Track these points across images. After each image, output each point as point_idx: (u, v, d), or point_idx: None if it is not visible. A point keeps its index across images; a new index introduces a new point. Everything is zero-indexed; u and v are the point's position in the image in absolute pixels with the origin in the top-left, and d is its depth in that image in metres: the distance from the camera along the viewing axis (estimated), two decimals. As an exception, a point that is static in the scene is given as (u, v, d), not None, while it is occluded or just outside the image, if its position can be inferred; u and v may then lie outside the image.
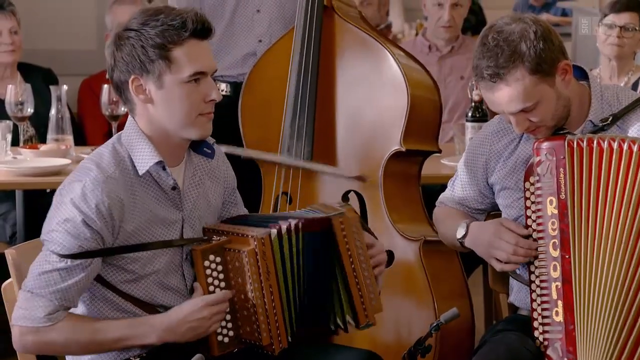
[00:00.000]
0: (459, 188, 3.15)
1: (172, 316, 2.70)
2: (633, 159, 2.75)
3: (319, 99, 3.71)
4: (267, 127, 3.78)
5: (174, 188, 2.74)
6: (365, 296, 2.80)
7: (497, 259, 2.89)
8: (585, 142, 2.79)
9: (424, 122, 3.70)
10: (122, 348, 2.70)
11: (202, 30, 2.69)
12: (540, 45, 2.79)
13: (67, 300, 2.64)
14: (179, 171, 2.78)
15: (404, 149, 3.59)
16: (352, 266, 2.78)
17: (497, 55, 2.80)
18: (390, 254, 3.59)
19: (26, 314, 2.64)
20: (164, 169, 2.72)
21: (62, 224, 2.63)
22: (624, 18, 4.65)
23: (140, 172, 2.70)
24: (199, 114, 2.71)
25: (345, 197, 3.67)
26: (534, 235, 2.86)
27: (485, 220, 3.14)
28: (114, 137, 2.78)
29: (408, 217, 3.68)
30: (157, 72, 2.66)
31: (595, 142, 2.78)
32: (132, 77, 2.67)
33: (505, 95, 2.82)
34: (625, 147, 2.75)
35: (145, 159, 2.70)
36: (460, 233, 3.00)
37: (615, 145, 2.76)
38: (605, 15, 4.71)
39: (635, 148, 2.74)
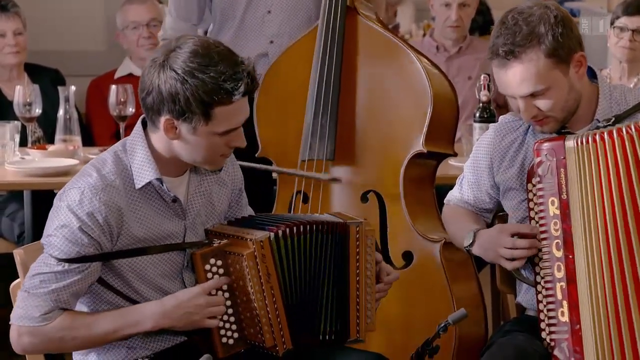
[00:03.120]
0: (466, 188, 3.15)
1: (167, 302, 2.69)
2: (629, 149, 2.73)
3: (341, 99, 3.71)
4: (283, 127, 3.79)
5: (174, 201, 2.73)
6: (362, 311, 2.79)
7: (506, 258, 2.88)
8: (583, 139, 2.77)
9: (444, 124, 3.71)
10: (119, 338, 2.69)
11: (252, 90, 2.64)
12: (559, 30, 2.80)
13: (61, 301, 2.64)
14: (182, 181, 2.77)
15: (425, 151, 3.60)
16: (357, 277, 2.78)
17: (515, 33, 2.81)
18: (409, 255, 3.60)
19: (23, 314, 2.65)
20: (162, 184, 2.70)
21: (59, 230, 2.63)
22: (636, 21, 4.62)
23: (137, 186, 2.68)
24: (220, 155, 2.71)
25: (364, 198, 3.67)
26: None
27: (493, 218, 3.15)
28: (119, 144, 2.75)
29: (426, 218, 3.69)
30: (193, 123, 2.62)
31: (595, 137, 2.77)
32: (167, 117, 2.62)
33: (517, 74, 2.82)
34: (622, 134, 2.73)
35: (144, 174, 2.68)
36: (467, 241, 2.98)
37: (611, 136, 2.74)
38: (618, 17, 4.68)
39: (632, 131, 2.72)
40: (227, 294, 2.73)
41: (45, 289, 2.62)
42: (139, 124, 2.74)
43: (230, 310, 2.74)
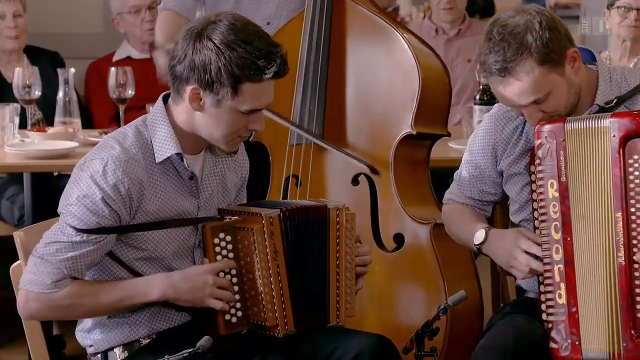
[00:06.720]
0: (467, 184, 3.10)
1: (175, 275, 2.72)
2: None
3: (329, 81, 3.71)
4: (275, 109, 3.77)
5: (191, 178, 2.76)
6: (342, 296, 2.80)
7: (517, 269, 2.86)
8: (584, 122, 2.78)
9: (434, 106, 3.70)
10: (125, 308, 2.72)
11: (283, 73, 2.67)
12: (547, 35, 2.77)
13: (75, 270, 2.67)
14: (198, 159, 2.80)
15: (414, 132, 3.60)
16: (337, 262, 2.79)
17: (504, 49, 2.78)
18: (400, 237, 3.60)
19: (34, 279, 2.66)
20: (182, 160, 2.73)
21: (81, 199, 2.65)
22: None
23: (157, 160, 2.71)
24: (237, 136, 2.73)
25: (355, 180, 3.67)
26: (538, 218, 2.85)
27: (493, 210, 3.14)
28: (139, 119, 2.78)
29: (418, 201, 3.69)
30: (219, 95, 2.65)
31: (596, 119, 2.77)
32: (194, 86, 2.66)
33: (515, 89, 2.79)
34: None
35: (165, 148, 2.71)
36: (478, 239, 2.95)
37: (607, 122, 2.75)
38: None
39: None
40: (234, 271, 2.75)
41: (60, 256, 2.65)
42: (160, 100, 2.77)
43: (235, 288, 2.75)
